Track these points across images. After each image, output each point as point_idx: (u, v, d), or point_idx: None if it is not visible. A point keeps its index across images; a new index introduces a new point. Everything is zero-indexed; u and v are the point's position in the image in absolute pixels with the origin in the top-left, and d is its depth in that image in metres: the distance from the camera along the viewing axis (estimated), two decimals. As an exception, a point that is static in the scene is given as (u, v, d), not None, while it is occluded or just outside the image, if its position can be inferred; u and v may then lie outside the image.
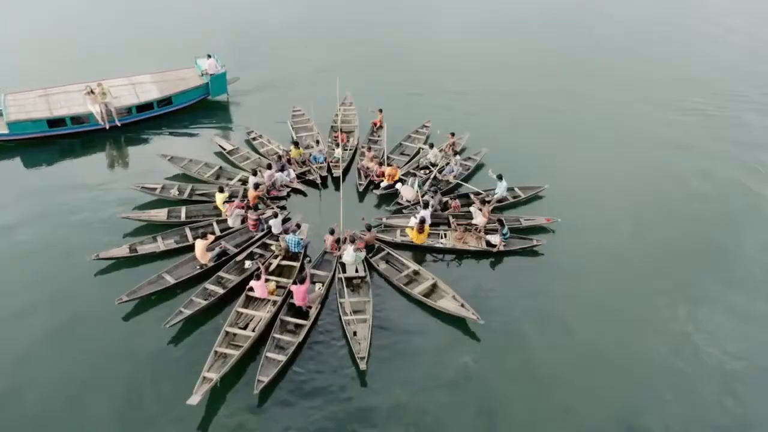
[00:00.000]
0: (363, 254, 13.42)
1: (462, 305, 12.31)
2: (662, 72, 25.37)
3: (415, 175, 16.68)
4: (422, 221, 13.86)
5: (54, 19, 27.58)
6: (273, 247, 13.78)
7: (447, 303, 12.46)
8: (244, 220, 14.55)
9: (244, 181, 16.04)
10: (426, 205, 14.65)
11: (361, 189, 16.18)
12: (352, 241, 13.35)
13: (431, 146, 17.25)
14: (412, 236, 14.09)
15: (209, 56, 20.16)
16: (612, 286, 13.59)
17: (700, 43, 28.91)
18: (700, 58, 27.08)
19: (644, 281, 13.77)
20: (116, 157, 18.01)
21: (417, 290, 12.82)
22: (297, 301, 12.05)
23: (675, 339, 12.31)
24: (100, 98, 17.86)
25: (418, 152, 17.93)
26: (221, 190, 14.80)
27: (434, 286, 13.02)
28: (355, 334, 11.64)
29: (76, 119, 18.11)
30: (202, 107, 20.55)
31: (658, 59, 26.66)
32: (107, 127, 18.24)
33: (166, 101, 19.47)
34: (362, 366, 10.90)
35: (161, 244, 13.67)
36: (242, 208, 14.54)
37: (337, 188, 15.56)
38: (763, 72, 25.76)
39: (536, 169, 17.32)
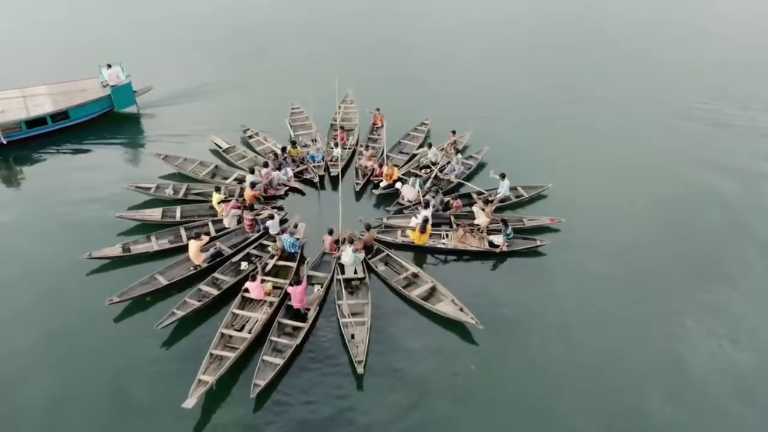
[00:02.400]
0: (362, 255, 13.13)
1: (461, 309, 11.99)
2: (667, 73, 25.08)
3: (416, 175, 16.39)
4: (425, 220, 13.55)
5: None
6: (270, 248, 13.50)
7: (446, 307, 12.15)
8: (240, 221, 14.26)
9: (241, 180, 15.77)
10: (427, 205, 14.36)
11: (358, 188, 15.89)
12: (351, 242, 13.05)
13: (429, 146, 16.95)
14: (414, 237, 13.78)
15: (109, 66, 18.60)
16: (616, 287, 13.30)
17: (708, 44, 28.60)
18: (706, 60, 26.79)
19: (648, 282, 13.48)
20: (6, 176, 16.42)
21: (416, 293, 12.52)
22: (294, 302, 11.77)
23: (680, 340, 12.05)
24: None
25: (416, 154, 17.59)
26: (217, 190, 14.53)
27: (433, 289, 12.71)
28: (353, 337, 11.36)
29: None
30: (107, 121, 18.72)
31: (663, 59, 26.37)
32: None
33: (61, 115, 17.64)
34: (360, 370, 10.66)
35: (155, 244, 13.41)
36: (238, 208, 14.26)
37: (336, 188, 15.26)
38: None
39: (539, 168, 17.03)
